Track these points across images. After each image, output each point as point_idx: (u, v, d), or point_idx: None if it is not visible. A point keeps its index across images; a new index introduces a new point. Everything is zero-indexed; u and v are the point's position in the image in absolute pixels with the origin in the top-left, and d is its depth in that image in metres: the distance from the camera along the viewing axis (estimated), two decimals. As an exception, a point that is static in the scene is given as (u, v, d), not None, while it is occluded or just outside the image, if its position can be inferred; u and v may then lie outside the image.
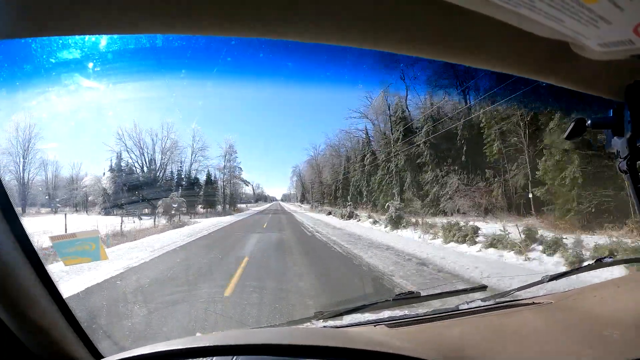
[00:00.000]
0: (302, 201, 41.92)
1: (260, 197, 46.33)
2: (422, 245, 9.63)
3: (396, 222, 14.40)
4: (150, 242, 11.09)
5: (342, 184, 29.38)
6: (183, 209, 21.64)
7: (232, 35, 0.59)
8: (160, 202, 20.12)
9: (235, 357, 0.76)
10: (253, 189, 42.28)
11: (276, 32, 0.57)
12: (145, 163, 26.15)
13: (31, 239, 0.78)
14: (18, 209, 0.78)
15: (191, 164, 28.02)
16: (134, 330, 3.48)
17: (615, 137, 0.72)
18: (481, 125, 14.23)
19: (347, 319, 1.17)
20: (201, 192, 27.49)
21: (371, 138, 24.86)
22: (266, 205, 44.89)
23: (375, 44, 0.61)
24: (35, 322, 0.78)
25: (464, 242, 9.22)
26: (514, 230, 8.33)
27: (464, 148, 16.05)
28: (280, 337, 0.89)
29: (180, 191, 23.77)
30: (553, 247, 7.23)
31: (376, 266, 6.59)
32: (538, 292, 1.32)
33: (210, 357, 0.77)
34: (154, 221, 18.82)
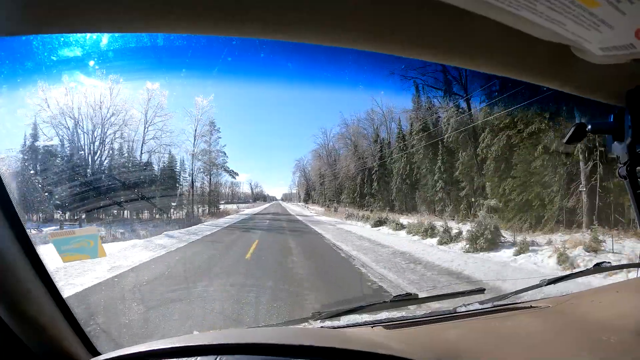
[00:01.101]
0: (306, 201, 32.97)
1: (259, 197, 40.05)
2: None
3: None
4: None
5: (378, 174, 19.55)
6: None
7: (233, 35, 0.59)
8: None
9: (232, 356, 0.76)
10: (251, 188, 36.33)
11: (277, 33, 0.57)
12: (68, 138, 14.89)
13: (31, 237, 0.78)
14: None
15: (143, 144, 16.39)
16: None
17: (615, 143, 0.72)
18: None
19: (345, 320, 1.16)
20: (154, 187, 16.56)
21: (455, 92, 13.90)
22: (264, 206, 35.93)
23: (375, 46, 0.62)
24: (34, 319, 0.78)
25: None
26: None
27: None
28: (277, 336, 0.89)
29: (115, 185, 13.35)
30: None
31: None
32: (536, 296, 1.32)
33: (207, 356, 0.77)
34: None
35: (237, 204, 30.27)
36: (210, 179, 22.53)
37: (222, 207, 25.59)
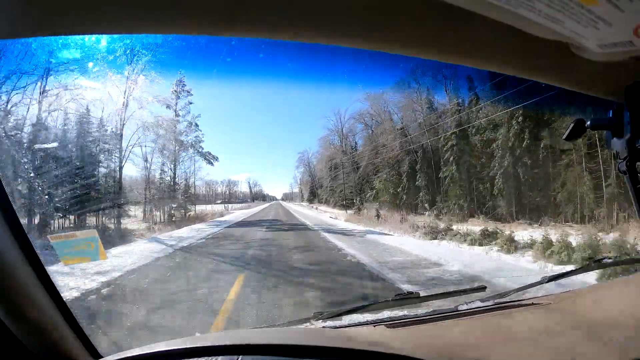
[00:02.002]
0: (311, 200, 26.97)
1: (258, 196, 36.53)
2: None
3: None
4: None
5: (456, 151, 11.92)
6: None
7: (231, 36, 0.59)
8: None
9: (234, 357, 0.76)
10: (250, 187, 32.88)
11: (275, 33, 0.57)
12: None
13: (30, 238, 0.78)
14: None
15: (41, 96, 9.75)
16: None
17: (614, 138, 0.72)
18: None
19: (347, 320, 1.16)
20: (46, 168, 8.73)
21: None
22: (262, 207, 30.10)
23: (374, 45, 0.62)
24: (35, 322, 0.78)
25: None
26: None
27: None
28: (279, 337, 0.89)
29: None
30: None
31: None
32: (537, 293, 1.32)
33: (209, 357, 0.77)
34: None
35: (224, 204, 24.76)
36: (174, 166, 14.38)
37: (206, 207, 18.62)
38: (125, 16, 0.53)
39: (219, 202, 26.54)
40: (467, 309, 1.16)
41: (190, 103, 14.63)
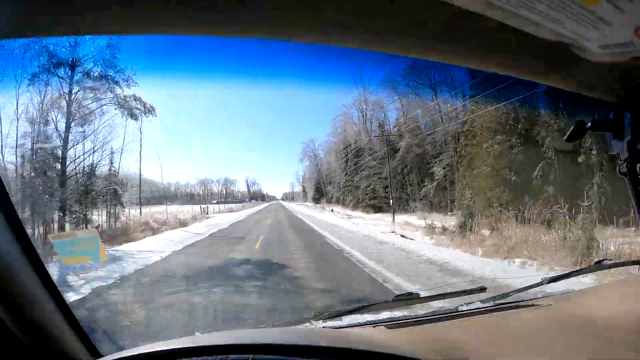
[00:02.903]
0: (317, 200, 22.99)
1: (256, 196, 34.74)
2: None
3: None
4: None
5: None
6: None
7: (232, 36, 0.59)
8: None
9: (233, 357, 0.76)
10: (248, 186, 31.64)
11: (276, 33, 0.57)
12: None
13: (31, 238, 0.78)
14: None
15: None
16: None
17: (615, 140, 0.72)
18: None
19: (347, 320, 1.16)
20: None
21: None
22: (259, 207, 26.28)
23: (375, 45, 0.62)
24: (35, 321, 0.78)
25: None
26: None
27: None
28: (279, 337, 0.89)
29: None
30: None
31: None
32: (537, 294, 1.32)
33: (209, 357, 0.77)
34: None
35: (202, 205, 20.41)
36: (66, 126, 7.75)
37: (166, 209, 13.49)
38: (126, 17, 0.53)
39: (214, 202, 25.30)
40: (467, 310, 1.16)
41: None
